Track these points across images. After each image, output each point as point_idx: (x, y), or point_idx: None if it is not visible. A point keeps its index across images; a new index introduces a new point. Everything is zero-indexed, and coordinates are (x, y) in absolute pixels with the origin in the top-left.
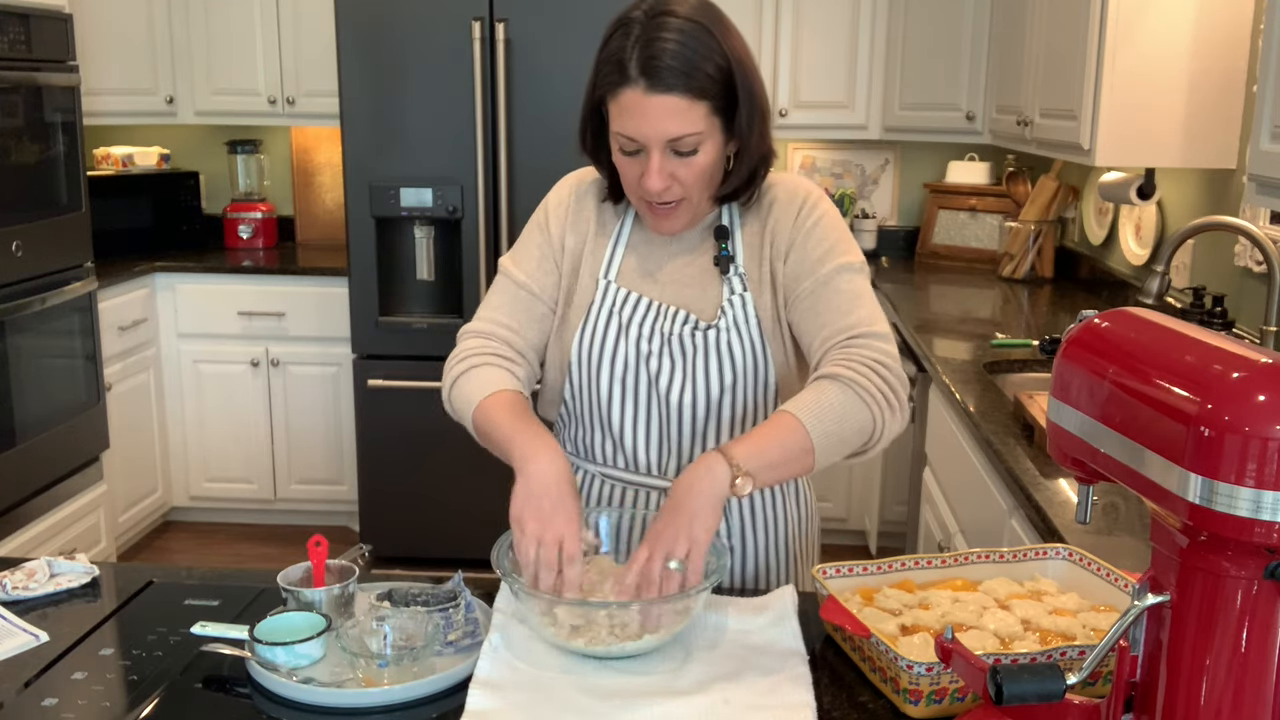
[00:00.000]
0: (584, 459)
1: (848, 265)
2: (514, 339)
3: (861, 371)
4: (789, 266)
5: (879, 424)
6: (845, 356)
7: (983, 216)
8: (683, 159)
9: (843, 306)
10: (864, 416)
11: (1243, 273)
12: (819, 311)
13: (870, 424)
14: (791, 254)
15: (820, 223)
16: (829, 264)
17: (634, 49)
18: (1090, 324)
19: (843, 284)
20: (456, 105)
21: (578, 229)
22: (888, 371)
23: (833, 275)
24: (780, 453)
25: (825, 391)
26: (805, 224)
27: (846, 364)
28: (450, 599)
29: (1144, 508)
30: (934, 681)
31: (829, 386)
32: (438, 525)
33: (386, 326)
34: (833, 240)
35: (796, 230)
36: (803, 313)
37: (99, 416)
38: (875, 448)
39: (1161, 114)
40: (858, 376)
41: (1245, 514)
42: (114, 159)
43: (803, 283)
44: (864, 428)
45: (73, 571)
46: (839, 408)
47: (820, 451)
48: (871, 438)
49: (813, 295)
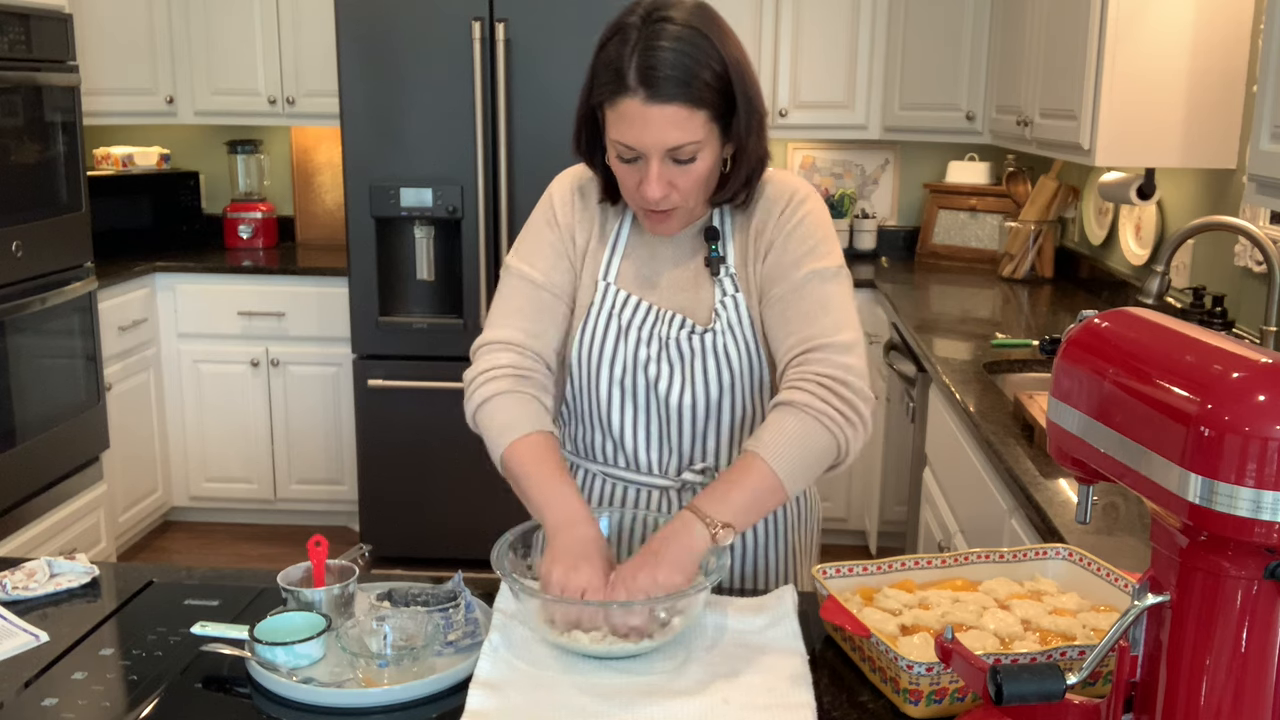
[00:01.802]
0: (585, 458)
1: (821, 271)
2: (542, 347)
3: (817, 393)
4: (766, 267)
5: (842, 444)
6: (801, 376)
7: (983, 216)
8: (681, 167)
9: (810, 314)
10: (825, 440)
11: (1242, 273)
12: (787, 319)
13: (833, 445)
14: (770, 254)
15: (802, 223)
16: (803, 269)
17: (632, 57)
18: (1090, 324)
19: (813, 290)
20: (456, 105)
21: (584, 225)
22: (844, 388)
23: (804, 281)
24: (750, 496)
25: (784, 422)
26: (786, 225)
27: (803, 386)
28: (450, 599)
29: (1144, 508)
30: (934, 681)
31: (787, 418)
32: (438, 525)
33: (386, 326)
34: (812, 243)
35: (778, 230)
36: (772, 318)
37: (99, 416)
38: (845, 463)
39: (1161, 114)
40: (813, 400)
41: (1245, 514)
42: (114, 159)
43: (775, 286)
44: (828, 450)
45: (73, 571)
46: (799, 438)
47: (789, 483)
48: (838, 456)
49: (782, 301)
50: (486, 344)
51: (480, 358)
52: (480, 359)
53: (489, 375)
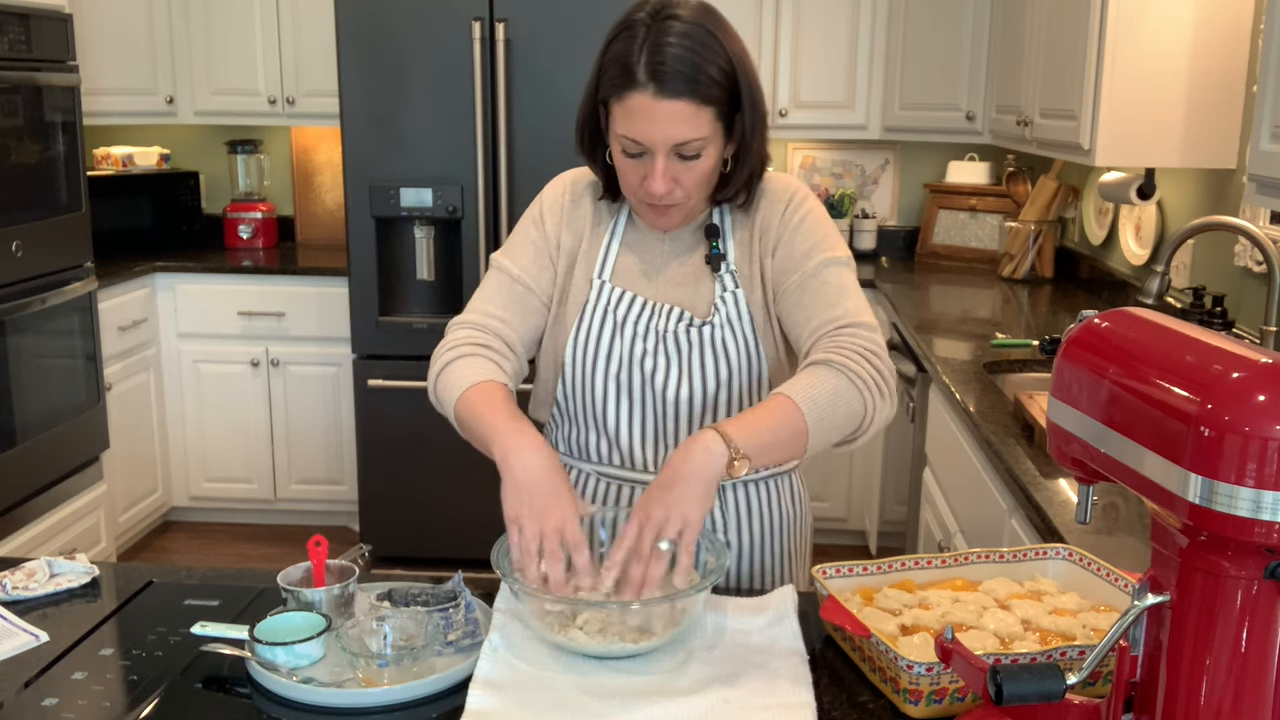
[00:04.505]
0: (578, 458)
1: (834, 259)
2: (505, 331)
3: (852, 358)
4: (776, 261)
5: (870, 409)
6: (835, 344)
7: (983, 216)
8: (686, 163)
9: (830, 298)
10: (856, 401)
11: (1242, 273)
12: (806, 304)
13: (862, 409)
14: (779, 249)
15: (807, 219)
16: (815, 258)
17: (641, 52)
18: (1090, 324)
19: (830, 277)
20: (456, 105)
21: (573, 228)
22: (878, 360)
23: (820, 269)
24: (775, 434)
25: (819, 375)
26: (792, 220)
27: (838, 350)
28: (450, 599)
29: (1144, 508)
30: (934, 681)
31: (822, 371)
32: (438, 525)
33: (386, 326)
34: (819, 235)
35: (784, 226)
36: (790, 306)
37: (99, 416)
38: (865, 435)
39: (1161, 114)
40: (849, 362)
41: (1245, 514)
42: (114, 159)
43: (790, 277)
44: (855, 412)
45: (73, 571)
46: (832, 392)
47: (814, 434)
48: (862, 424)
49: (800, 288)
50: (454, 323)
51: (445, 335)
52: (445, 337)
53: (447, 345)
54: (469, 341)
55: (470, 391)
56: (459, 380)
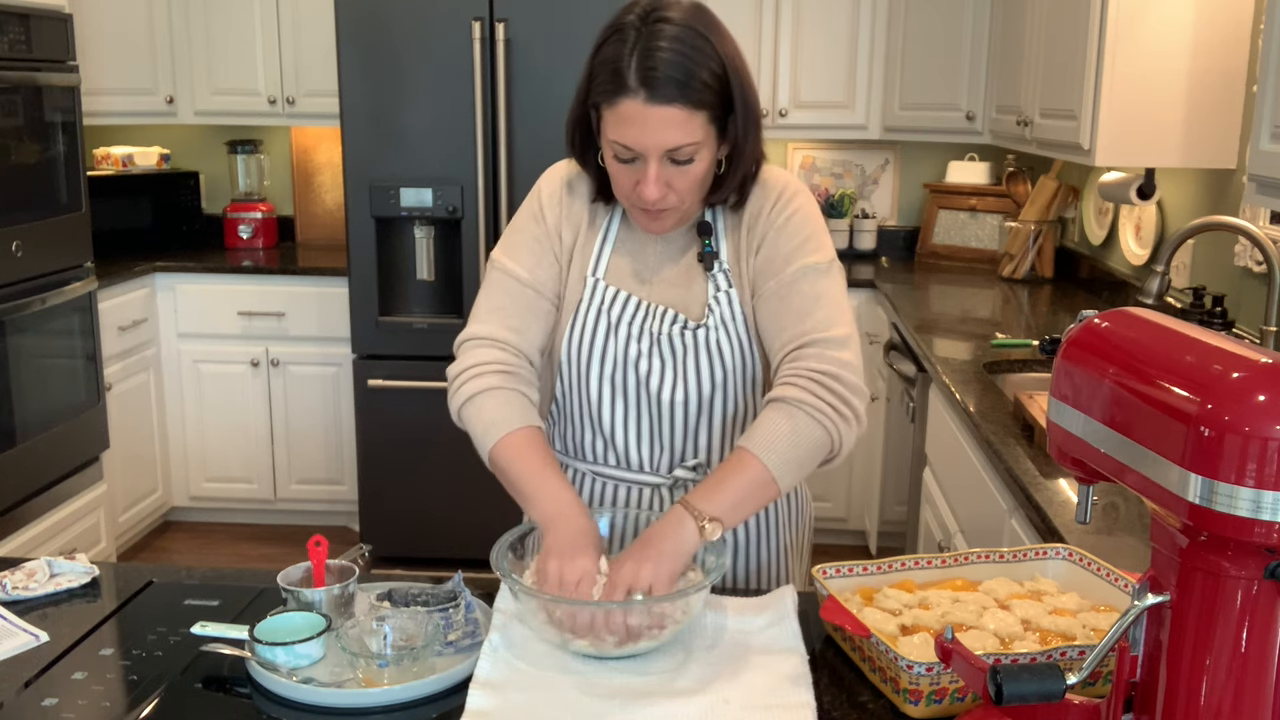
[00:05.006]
0: (575, 458)
1: (813, 266)
2: (524, 345)
3: (809, 389)
4: (758, 262)
5: (835, 436)
6: (794, 372)
7: (983, 216)
8: (679, 167)
9: (802, 310)
10: (818, 434)
11: (1242, 273)
12: (779, 314)
13: (826, 439)
14: (762, 249)
15: (794, 217)
16: (795, 264)
17: (631, 57)
18: (1090, 324)
19: (805, 286)
20: (456, 105)
21: (571, 221)
22: (836, 382)
23: (797, 277)
24: (741, 492)
25: (775, 418)
26: (778, 219)
27: (795, 382)
28: (450, 599)
29: (1144, 508)
30: (934, 681)
31: (779, 412)
32: (438, 525)
33: (386, 326)
34: (803, 237)
35: (769, 224)
36: (764, 315)
37: (99, 416)
38: (840, 457)
39: (1161, 114)
40: (806, 395)
41: (1245, 514)
42: (114, 159)
43: (768, 282)
44: (820, 444)
45: (73, 571)
46: (791, 433)
47: (782, 479)
48: (832, 450)
49: (775, 296)
50: (470, 339)
51: (464, 353)
52: (464, 354)
53: (474, 371)
54: (494, 370)
55: (508, 440)
56: (493, 423)
